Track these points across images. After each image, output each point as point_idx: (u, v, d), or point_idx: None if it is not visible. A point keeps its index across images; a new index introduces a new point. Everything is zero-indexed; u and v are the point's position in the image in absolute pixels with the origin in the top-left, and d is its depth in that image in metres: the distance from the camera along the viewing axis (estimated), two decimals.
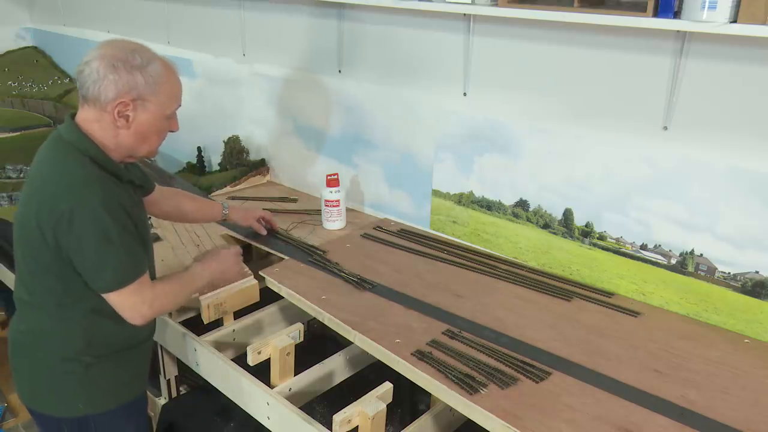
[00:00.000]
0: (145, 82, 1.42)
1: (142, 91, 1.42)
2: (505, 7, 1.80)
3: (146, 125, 1.46)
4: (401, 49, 2.25)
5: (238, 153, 2.91)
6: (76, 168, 1.41)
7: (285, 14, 2.63)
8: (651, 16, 1.55)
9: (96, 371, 1.53)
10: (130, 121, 1.44)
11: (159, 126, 1.49)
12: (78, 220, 1.37)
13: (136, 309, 1.47)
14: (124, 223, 1.42)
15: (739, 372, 1.53)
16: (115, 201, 1.41)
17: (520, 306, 1.81)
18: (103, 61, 1.39)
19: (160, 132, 1.51)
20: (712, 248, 1.68)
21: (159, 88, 1.44)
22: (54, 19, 4.32)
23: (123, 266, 1.43)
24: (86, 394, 1.54)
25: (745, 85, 1.56)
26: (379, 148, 2.41)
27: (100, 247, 1.39)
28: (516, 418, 1.35)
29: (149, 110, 1.45)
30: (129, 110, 1.42)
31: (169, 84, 1.47)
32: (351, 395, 1.60)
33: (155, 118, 1.46)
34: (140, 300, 1.47)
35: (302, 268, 2.02)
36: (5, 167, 3.14)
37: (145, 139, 1.48)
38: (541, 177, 1.97)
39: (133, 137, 1.46)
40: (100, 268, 1.41)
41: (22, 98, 4.13)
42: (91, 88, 1.40)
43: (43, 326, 1.51)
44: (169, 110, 1.49)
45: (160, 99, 1.45)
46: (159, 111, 1.46)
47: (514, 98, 1.99)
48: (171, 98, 1.49)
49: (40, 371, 1.54)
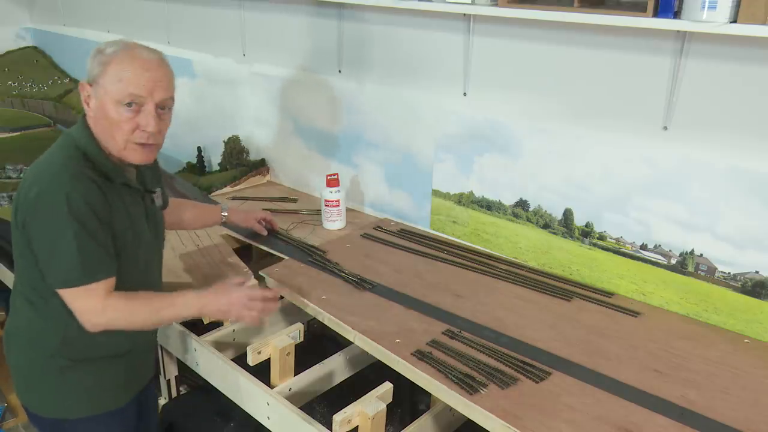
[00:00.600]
0: (97, 63, 1.40)
1: (94, 74, 1.41)
2: (505, 7, 1.81)
3: (99, 111, 1.41)
4: (401, 49, 2.25)
5: (238, 153, 2.91)
6: (59, 159, 1.41)
7: (285, 14, 2.63)
8: (651, 16, 1.55)
9: (72, 375, 1.51)
10: (90, 107, 1.43)
11: (113, 114, 1.39)
12: (41, 207, 1.36)
13: (83, 314, 1.42)
14: (85, 222, 1.36)
15: (739, 372, 1.52)
16: (83, 198, 1.36)
17: (520, 306, 1.81)
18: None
19: (117, 122, 1.40)
20: (712, 248, 1.68)
21: (105, 68, 1.39)
22: (54, 19, 4.32)
23: (72, 266, 1.36)
24: (62, 396, 1.52)
25: (745, 85, 1.56)
26: (379, 148, 2.41)
27: (53, 240, 1.36)
28: (516, 418, 1.35)
29: (98, 94, 1.41)
30: (88, 94, 1.43)
31: (117, 65, 1.38)
32: (351, 395, 1.60)
33: (104, 102, 1.40)
34: (89, 307, 1.40)
35: (302, 268, 2.02)
36: (5, 167, 3.14)
37: (107, 129, 1.42)
38: (541, 177, 1.97)
39: (99, 124, 1.43)
40: (51, 261, 1.39)
41: (22, 98, 4.13)
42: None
43: (27, 320, 1.51)
44: (117, 95, 1.38)
45: (106, 80, 1.39)
46: (107, 95, 1.39)
47: (514, 98, 1.99)
48: (118, 81, 1.38)
49: (23, 366, 1.54)
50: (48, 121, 3.89)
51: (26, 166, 3.17)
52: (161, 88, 1.43)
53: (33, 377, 1.53)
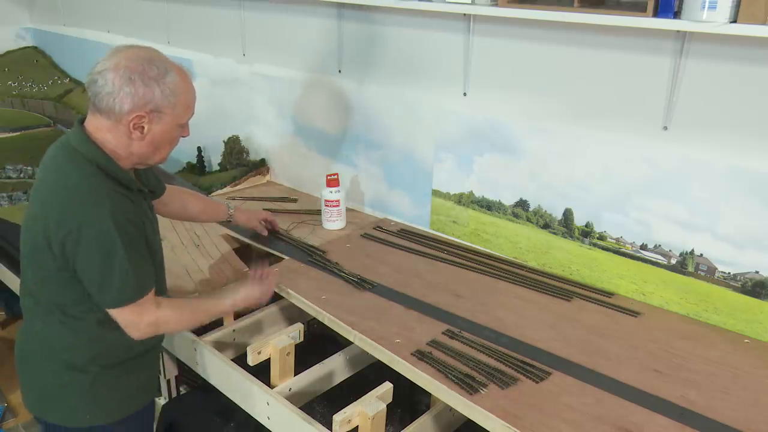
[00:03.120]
0: (162, 94, 1.38)
1: (159, 104, 1.38)
2: (505, 7, 1.81)
3: (161, 136, 1.43)
4: (401, 49, 2.25)
5: (238, 153, 2.91)
6: (85, 181, 1.37)
7: (285, 14, 2.63)
8: (651, 16, 1.55)
9: (103, 382, 1.52)
10: (145, 132, 1.40)
11: (173, 135, 1.47)
12: (85, 236, 1.35)
13: (136, 327, 1.45)
14: (131, 239, 1.39)
15: (739, 372, 1.53)
16: (123, 216, 1.38)
17: (520, 306, 1.81)
18: (118, 73, 1.34)
19: (174, 141, 1.49)
20: (712, 248, 1.68)
21: (175, 99, 1.40)
22: (54, 19, 4.32)
23: (126, 285, 1.40)
24: (93, 404, 1.53)
25: (745, 85, 1.56)
26: (379, 148, 2.41)
27: (105, 265, 1.37)
28: (516, 418, 1.35)
29: (165, 121, 1.41)
30: (144, 122, 1.39)
31: (185, 95, 1.43)
32: (351, 395, 1.60)
33: (170, 128, 1.44)
34: (141, 320, 1.45)
35: (302, 268, 2.02)
36: (5, 167, 3.14)
37: (158, 148, 1.46)
38: (541, 177, 1.97)
39: (146, 147, 1.43)
40: (104, 285, 1.39)
41: (22, 98, 4.13)
42: (105, 100, 1.35)
43: (50, 335, 1.49)
44: (184, 120, 1.47)
45: (176, 110, 1.42)
46: (174, 121, 1.43)
47: (514, 98, 1.99)
48: (186, 109, 1.46)
49: (46, 380, 1.52)
50: (48, 121, 3.89)
51: (26, 166, 3.17)
52: None
53: (61, 390, 1.51)
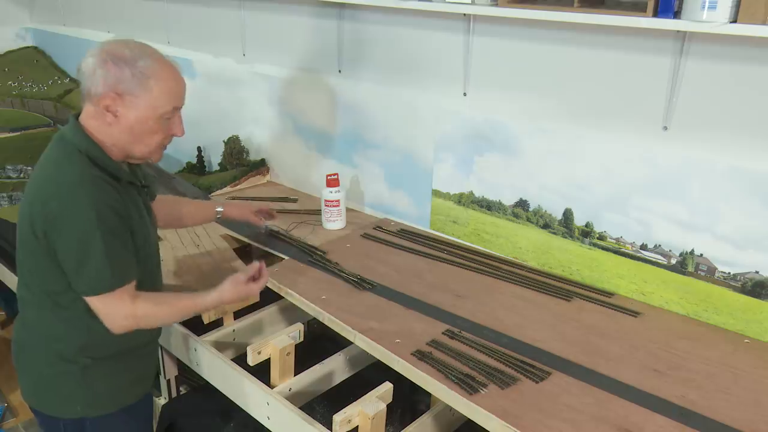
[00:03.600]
0: (132, 76, 1.38)
1: (130, 86, 1.38)
2: (505, 7, 1.80)
3: (135, 122, 1.41)
4: (401, 49, 2.25)
5: (238, 153, 2.91)
6: (70, 167, 1.39)
7: (285, 14, 2.63)
8: (651, 16, 1.55)
9: (94, 373, 1.52)
10: (119, 116, 1.40)
11: (151, 126, 1.43)
12: (65, 220, 1.36)
13: (113, 319, 1.44)
14: (112, 228, 1.38)
15: (739, 372, 1.53)
16: (105, 203, 1.37)
17: (520, 306, 1.81)
18: (98, 57, 1.38)
19: (154, 132, 1.44)
20: (712, 248, 1.68)
21: (148, 83, 1.39)
22: (54, 19, 4.32)
23: (102, 273, 1.38)
24: (84, 396, 1.53)
25: (745, 85, 1.56)
26: (379, 148, 2.41)
27: (82, 251, 1.37)
28: (516, 418, 1.35)
29: (138, 107, 1.40)
30: (117, 105, 1.39)
31: (162, 81, 1.41)
32: (351, 395, 1.60)
33: (145, 116, 1.41)
34: (118, 311, 1.43)
35: (302, 268, 2.02)
36: (5, 167, 3.14)
37: (138, 138, 1.43)
38: (541, 177, 1.97)
39: (125, 135, 1.42)
40: (80, 270, 1.39)
41: (22, 98, 4.13)
42: (85, 84, 1.40)
43: (42, 325, 1.51)
44: (162, 109, 1.42)
45: (150, 96, 1.39)
46: (149, 109, 1.40)
47: (514, 98, 1.99)
48: (163, 96, 1.41)
49: (40, 370, 1.54)
50: (48, 121, 3.89)
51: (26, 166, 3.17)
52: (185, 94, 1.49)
53: (53, 381, 1.53)
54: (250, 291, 1.61)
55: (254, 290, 1.63)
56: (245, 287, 1.59)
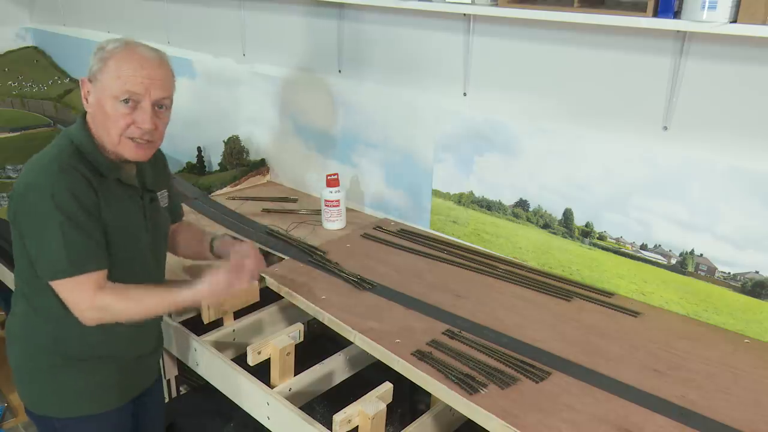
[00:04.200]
0: (99, 59, 1.41)
1: (94, 70, 1.42)
2: (505, 7, 1.81)
3: (96, 106, 1.42)
4: (401, 49, 2.25)
5: (238, 153, 2.91)
6: (50, 153, 1.42)
7: (285, 14, 2.63)
8: (651, 16, 1.55)
9: (63, 375, 1.51)
10: (89, 103, 1.43)
11: (109, 109, 1.39)
12: (29, 199, 1.37)
13: (78, 308, 1.40)
14: (71, 214, 1.35)
15: (739, 372, 1.52)
16: (69, 190, 1.35)
17: (520, 306, 1.81)
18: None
19: (113, 117, 1.40)
20: (712, 248, 1.68)
21: (105, 64, 1.40)
22: (54, 19, 4.32)
23: (58, 257, 1.35)
24: (52, 395, 1.53)
25: (745, 85, 1.56)
26: (379, 148, 2.41)
27: (39, 233, 1.36)
28: (516, 418, 1.35)
29: (97, 89, 1.41)
30: (88, 90, 1.43)
31: (118, 62, 1.39)
32: (351, 395, 1.59)
33: (102, 97, 1.40)
34: (79, 299, 1.39)
35: (302, 268, 2.02)
36: (5, 167, 3.14)
37: (102, 125, 1.42)
38: (541, 177, 1.97)
39: (95, 120, 1.44)
40: (39, 253, 1.38)
41: (22, 98, 4.13)
42: None
43: (24, 315, 1.52)
44: (115, 91, 1.39)
45: (105, 76, 1.40)
46: (104, 89, 1.40)
47: (514, 98, 1.99)
48: (115, 76, 1.39)
49: (21, 362, 1.55)
50: (48, 121, 3.89)
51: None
52: (159, 86, 1.43)
53: (28, 373, 1.54)
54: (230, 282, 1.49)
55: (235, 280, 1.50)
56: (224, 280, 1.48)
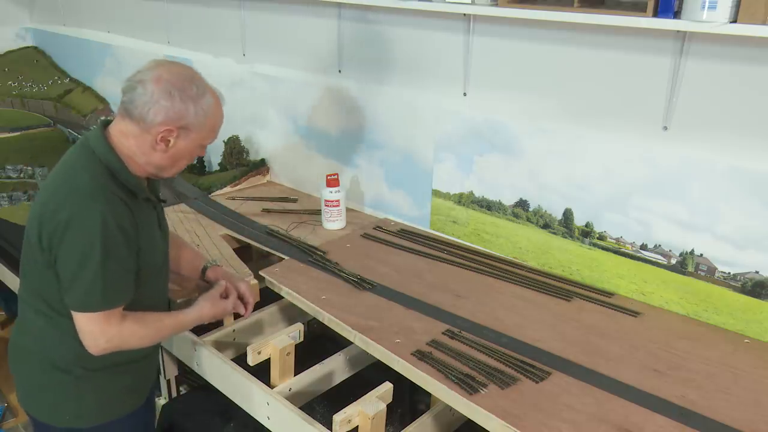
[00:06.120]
0: (195, 114, 1.42)
1: (190, 122, 1.42)
2: (505, 7, 1.81)
3: (183, 151, 1.47)
4: (401, 49, 2.25)
5: (238, 153, 2.91)
6: (87, 177, 1.39)
7: (285, 14, 2.63)
8: (651, 16, 1.55)
9: (86, 385, 1.51)
10: (170, 146, 1.44)
11: (193, 153, 1.51)
12: (70, 231, 1.35)
13: (93, 338, 1.42)
14: (116, 249, 1.38)
15: (739, 372, 1.53)
16: (115, 222, 1.37)
17: (520, 306, 1.81)
18: (159, 85, 1.38)
19: (192, 158, 1.53)
20: (712, 248, 1.68)
21: (205, 120, 1.45)
22: (54, 19, 4.32)
23: (93, 292, 1.38)
24: (74, 407, 1.53)
25: (745, 85, 1.56)
26: (379, 148, 2.41)
27: (79, 265, 1.36)
28: (516, 418, 1.35)
29: (190, 138, 1.45)
30: (173, 136, 1.42)
31: (214, 118, 1.48)
32: (351, 395, 1.60)
33: (193, 146, 1.48)
34: (100, 332, 1.42)
35: (302, 268, 2.02)
36: (5, 167, 3.14)
37: (176, 162, 1.49)
38: (541, 177, 1.97)
39: (167, 160, 1.46)
40: (72, 284, 1.38)
41: (22, 98, 4.13)
42: (140, 108, 1.39)
43: (38, 331, 1.50)
44: (207, 141, 1.51)
45: (203, 131, 1.46)
46: (198, 140, 1.47)
47: (514, 98, 1.99)
48: (212, 131, 1.50)
49: (33, 376, 1.54)
50: (48, 121, 3.89)
51: (26, 166, 3.17)
52: None
53: (45, 387, 1.53)
54: (225, 307, 1.69)
55: (228, 307, 1.70)
56: (221, 302, 1.67)
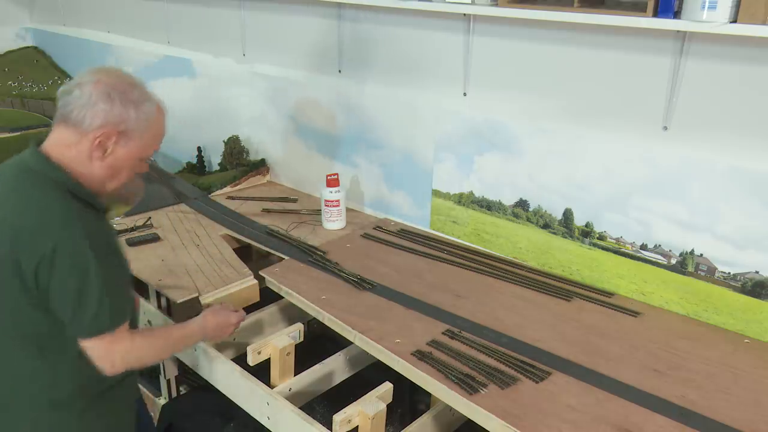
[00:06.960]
0: (136, 118, 1.35)
1: (131, 127, 1.34)
2: (505, 7, 1.81)
3: (121, 161, 1.37)
4: (401, 49, 2.25)
5: (238, 153, 2.91)
6: (53, 202, 1.31)
7: (285, 14, 2.63)
8: (651, 16, 1.55)
9: (91, 415, 1.43)
10: (107, 153, 1.35)
11: (132, 165, 1.41)
12: (60, 259, 1.26)
13: (109, 359, 1.35)
14: (110, 263, 1.32)
15: (739, 372, 1.53)
16: (99, 238, 1.31)
17: (520, 306, 1.81)
18: (98, 87, 1.31)
19: (131, 171, 1.42)
20: (712, 248, 1.68)
21: (148, 128, 1.37)
22: (54, 19, 4.32)
23: (101, 313, 1.31)
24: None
25: (745, 85, 1.56)
26: (379, 148, 2.41)
27: (80, 291, 1.29)
28: (516, 418, 1.35)
29: (129, 147, 1.36)
30: (110, 142, 1.33)
31: (157, 127, 1.41)
32: (351, 395, 1.60)
33: (132, 156, 1.38)
34: (114, 351, 1.35)
35: (302, 268, 2.02)
36: None
37: (116, 175, 1.39)
38: (541, 177, 1.97)
39: (104, 170, 1.36)
40: (79, 312, 1.30)
41: (22, 98, 4.13)
42: (75, 112, 1.31)
43: (26, 374, 1.37)
44: (148, 153, 1.42)
45: (143, 140, 1.38)
46: (138, 151, 1.39)
47: (514, 98, 1.99)
48: (154, 142, 1.42)
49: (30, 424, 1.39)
50: (48, 121, 3.89)
51: None
52: None
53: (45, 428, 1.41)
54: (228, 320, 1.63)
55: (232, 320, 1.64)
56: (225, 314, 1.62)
